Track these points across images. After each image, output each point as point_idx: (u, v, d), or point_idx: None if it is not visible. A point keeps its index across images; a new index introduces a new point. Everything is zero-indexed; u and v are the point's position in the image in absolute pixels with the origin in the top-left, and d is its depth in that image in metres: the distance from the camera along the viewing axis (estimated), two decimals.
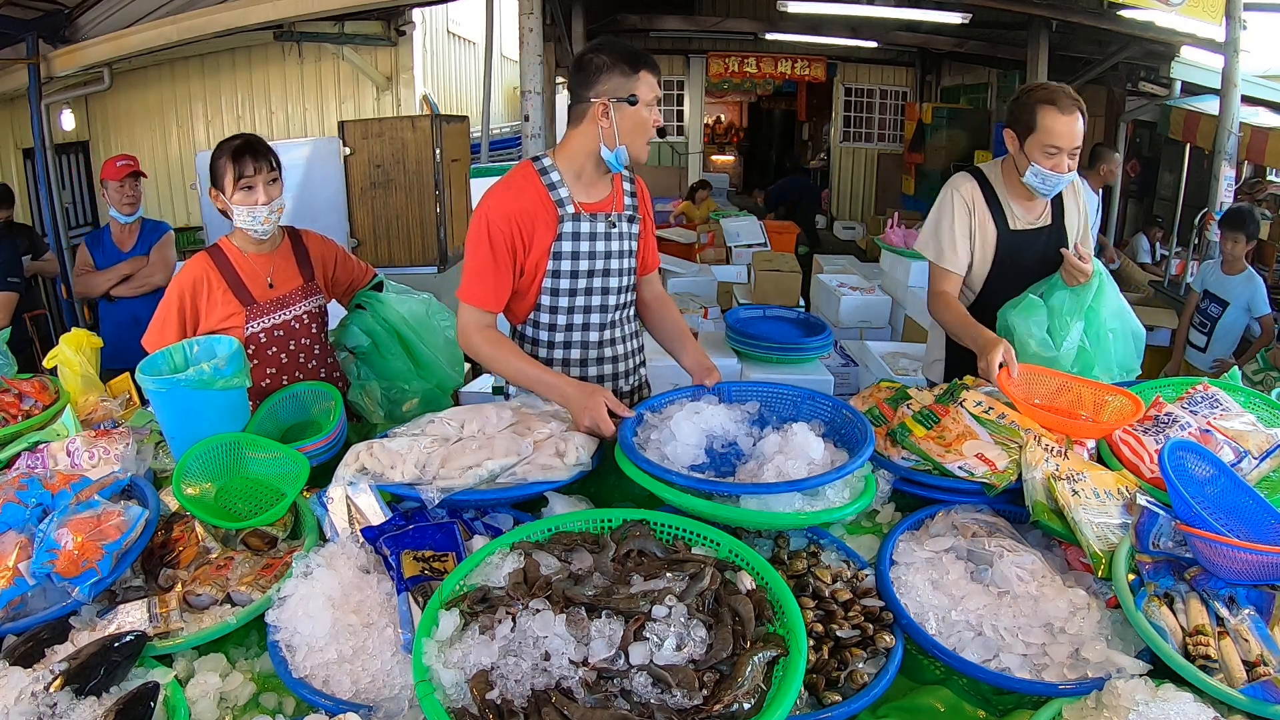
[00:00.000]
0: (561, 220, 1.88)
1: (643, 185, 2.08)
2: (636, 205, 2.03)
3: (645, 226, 2.07)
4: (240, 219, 2.03)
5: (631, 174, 2.04)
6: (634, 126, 1.83)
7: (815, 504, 1.45)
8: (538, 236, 1.88)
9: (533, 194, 1.88)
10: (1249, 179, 6.20)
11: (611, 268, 1.97)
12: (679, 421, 1.65)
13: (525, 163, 1.94)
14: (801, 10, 7.73)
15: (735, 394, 1.81)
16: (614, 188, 1.98)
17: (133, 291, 3.54)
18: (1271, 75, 6.00)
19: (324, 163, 5.18)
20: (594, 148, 1.86)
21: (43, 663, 1.19)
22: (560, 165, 1.91)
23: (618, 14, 9.20)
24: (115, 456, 1.70)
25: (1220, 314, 4.04)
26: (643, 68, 1.81)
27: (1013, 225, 2.23)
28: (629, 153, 1.85)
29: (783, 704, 0.98)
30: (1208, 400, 1.73)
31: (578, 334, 1.99)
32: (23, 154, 6.50)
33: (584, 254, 1.92)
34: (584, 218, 1.90)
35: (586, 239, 1.91)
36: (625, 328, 2.09)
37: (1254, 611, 1.20)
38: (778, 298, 4.68)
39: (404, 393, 2.23)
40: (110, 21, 4.89)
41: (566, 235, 1.89)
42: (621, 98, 1.80)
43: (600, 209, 1.94)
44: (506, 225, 1.85)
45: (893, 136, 11.72)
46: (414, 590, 1.26)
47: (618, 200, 1.98)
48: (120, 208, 3.55)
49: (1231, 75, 4.52)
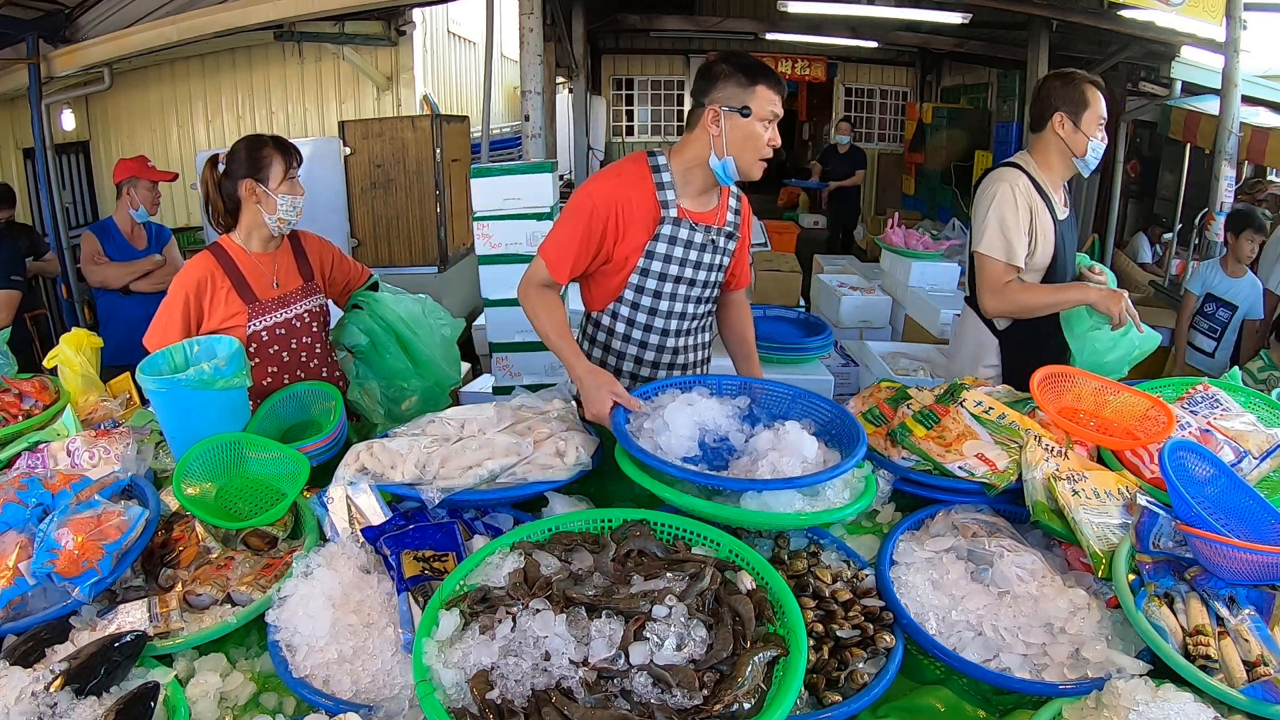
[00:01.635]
0: (662, 221, 1.89)
1: (747, 205, 2.10)
2: (739, 224, 2.04)
3: (742, 245, 2.08)
4: (282, 210, 2.06)
5: (739, 191, 2.06)
6: (744, 139, 1.82)
7: (816, 504, 1.45)
8: (634, 230, 1.88)
9: (642, 187, 1.88)
10: (1249, 179, 6.19)
11: (699, 279, 1.97)
12: (673, 412, 1.64)
13: (640, 154, 1.94)
14: (801, 10, 7.73)
15: (725, 387, 1.81)
16: (720, 202, 1.99)
17: (153, 287, 3.61)
18: (1271, 75, 6.00)
19: (324, 163, 5.19)
20: (704, 155, 1.86)
21: (43, 663, 1.18)
22: (673, 166, 1.91)
23: (618, 14, 9.21)
24: (115, 456, 1.71)
25: (1230, 318, 4.03)
26: (761, 81, 1.80)
27: (1059, 216, 2.28)
28: (737, 165, 1.84)
29: (783, 704, 0.98)
30: (1208, 400, 1.73)
31: (655, 336, 2.01)
32: (23, 154, 6.50)
33: (676, 259, 1.92)
34: (685, 224, 1.90)
35: (682, 245, 1.91)
36: (698, 337, 2.10)
37: (1254, 611, 1.20)
38: (778, 298, 4.68)
39: (403, 391, 2.24)
40: (110, 21, 4.89)
41: (664, 237, 1.89)
42: (734, 107, 1.80)
43: (704, 220, 1.94)
44: (607, 208, 1.85)
45: (893, 136, 11.73)
46: (414, 590, 1.26)
47: (721, 215, 1.99)
48: (150, 207, 3.68)
49: (1232, 75, 4.51)
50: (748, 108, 1.79)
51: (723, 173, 1.86)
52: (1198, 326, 4.19)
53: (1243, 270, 4.05)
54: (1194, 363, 4.19)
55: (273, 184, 2.04)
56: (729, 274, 2.09)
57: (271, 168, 2.04)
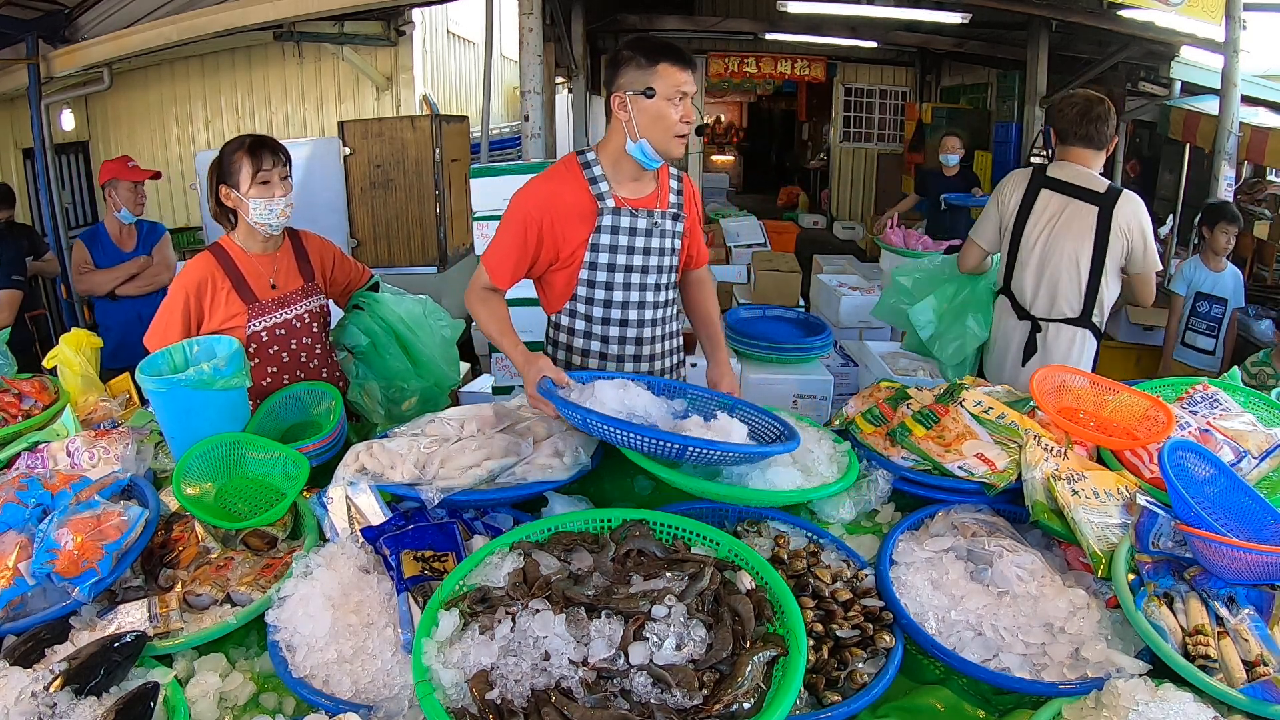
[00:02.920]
0: (601, 213, 1.89)
1: (690, 183, 2.09)
2: (682, 204, 2.03)
3: (693, 223, 2.08)
4: (256, 214, 2.02)
5: (679, 172, 2.05)
6: (653, 120, 1.82)
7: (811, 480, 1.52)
8: (573, 227, 1.89)
9: (574, 185, 1.89)
10: (1249, 179, 6.18)
11: (651, 264, 1.97)
12: (602, 387, 1.66)
13: (570, 155, 1.96)
14: (801, 10, 7.72)
15: (663, 390, 1.81)
16: (659, 185, 1.99)
17: (138, 290, 3.58)
18: (1271, 75, 5.99)
19: (324, 163, 5.19)
20: (623, 142, 1.88)
21: (43, 663, 1.19)
22: (602, 160, 1.92)
23: (618, 14, 9.20)
24: (115, 456, 1.71)
25: (1224, 313, 4.04)
26: (662, 60, 1.80)
27: None
28: (653, 147, 1.85)
29: (783, 704, 0.98)
30: (1207, 400, 1.73)
31: (615, 329, 2.00)
32: (23, 154, 6.50)
33: (622, 248, 1.92)
34: (625, 212, 1.91)
35: (626, 233, 1.92)
36: (665, 326, 2.09)
37: (1254, 611, 1.20)
38: (778, 298, 4.68)
39: (403, 392, 2.24)
40: (110, 21, 4.89)
41: (605, 228, 1.90)
42: (638, 90, 1.81)
43: (644, 204, 1.94)
44: (540, 211, 1.87)
45: (893, 136, 11.72)
46: (414, 590, 1.26)
47: (663, 198, 1.99)
48: (133, 208, 3.62)
49: (1231, 75, 4.51)
50: (651, 88, 1.80)
51: (642, 156, 1.86)
52: (1194, 328, 4.19)
53: (1223, 263, 4.07)
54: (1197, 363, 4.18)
55: (243, 188, 2.00)
56: (684, 254, 2.08)
57: (240, 172, 2.00)
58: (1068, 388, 1.82)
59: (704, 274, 2.23)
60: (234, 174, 2.01)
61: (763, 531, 1.48)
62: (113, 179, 3.57)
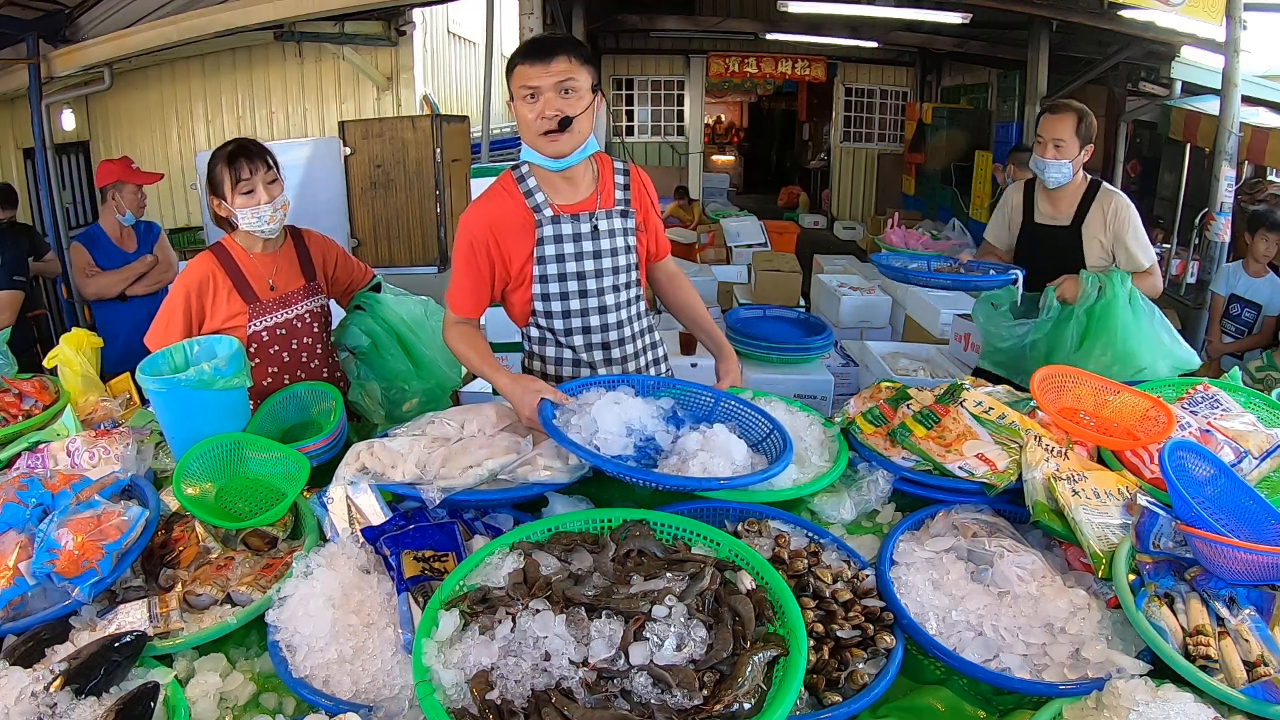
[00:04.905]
0: (540, 225, 1.86)
1: (639, 174, 2.01)
2: (630, 198, 1.97)
3: (646, 216, 2.01)
4: (245, 221, 2.02)
5: (624, 165, 2.01)
6: (520, 122, 1.80)
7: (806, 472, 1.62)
8: (517, 242, 1.86)
9: (509, 202, 1.87)
10: (1249, 179, 6.18)
11: (604, 267, 1.92)
12: (601, 410, 1.64)
13: (506, 172, 1.93)
14: (801, 10, 7.72)
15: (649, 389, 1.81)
16: (598, 185, 1.93)
17: (147, 289, 3.59)
18: (1271, 75, 5.99)
19: (324, 163, 5.20)
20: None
21: (43, 663, 1.19)
22: (534, 171, 1.89)
23: (618, 14, 9.21)
24: (115, 456, 1.71)
25: (1255, 318, 4.05)
26: (516, 63, 1.76)
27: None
28: (531, 149, 1.81)
29: (783, 704, 0.98)
30: (1208, 400, 1.73)
31: (579, 337, 1.97)
32: (23, 154, 6.50)
33: (569, 255, 1.89)
34: (565, 219, 1.88)
35: (570, 240, 1.88)
36: (634, 325, 2.03)
37: (1254, 612, 1.20)
38: (778, 298, 4.69)
39: (404, 392, 2.24)
40: (110, 21, 4.89)
41: (548, 239, 1.87)
42: (511, 99, 1.80)
43: (583, 208, 1.90)
44: (483, 233, 1.85)
45: (893, 136, 11.72)
46: (414, 590, 1.26)
47: (605, 197, 1.93)
48: (137, 211, 3.62)
49: (1231, 75, 4.51)
50: (511, 93, 1.79)
51: (538, 160, 1.82)
52: (1224, 329, 4.19)
53: (1263, 269, 4.07)
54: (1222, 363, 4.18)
55: (229, 199, 2.00)
56: (643, 248, 2.02)
57: (224, 184, 2.00)
58: (1069, 388, 1.81)
59: (672, 265, 2.17)
60: (219, 185, 2.01)
61: (763, 531, 1.48)
62: (118, 181, 3.56)
